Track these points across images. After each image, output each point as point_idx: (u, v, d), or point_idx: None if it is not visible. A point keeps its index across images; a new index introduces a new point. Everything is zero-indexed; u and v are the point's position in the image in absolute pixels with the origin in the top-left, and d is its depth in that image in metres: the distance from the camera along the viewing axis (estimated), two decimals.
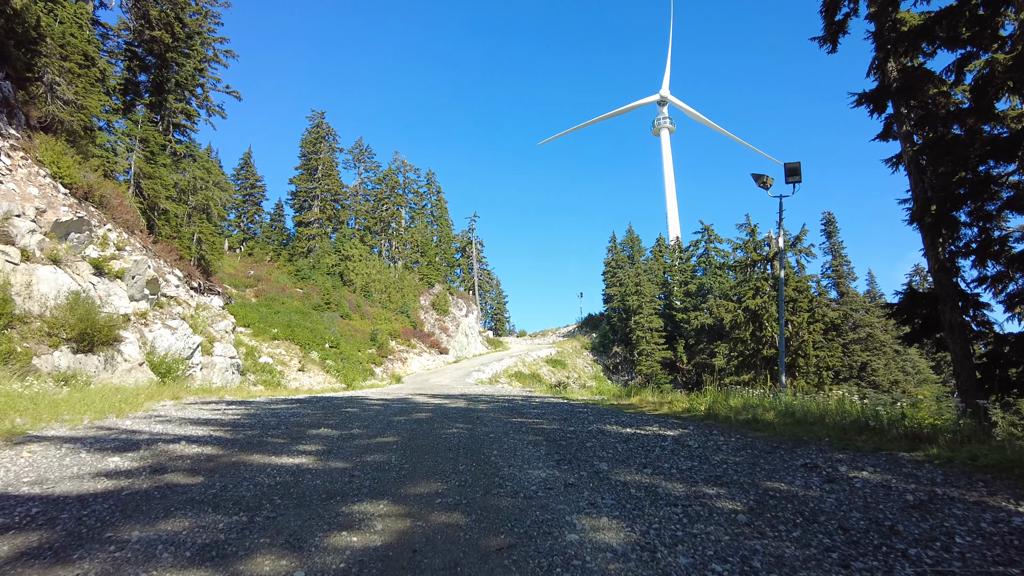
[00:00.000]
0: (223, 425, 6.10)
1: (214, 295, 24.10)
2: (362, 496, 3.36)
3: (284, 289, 45.18)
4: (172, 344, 16.41)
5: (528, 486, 3.70)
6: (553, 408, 9.07)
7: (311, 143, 58.46)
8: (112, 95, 21.72)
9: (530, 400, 12.01)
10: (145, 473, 3.73)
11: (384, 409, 8.64)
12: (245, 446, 4.81)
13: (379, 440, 5.42)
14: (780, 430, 5.80)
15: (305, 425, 6.33)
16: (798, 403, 7.15)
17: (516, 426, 6.61)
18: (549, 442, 5.45)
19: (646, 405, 9.36)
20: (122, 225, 18.32)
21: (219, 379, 18.98)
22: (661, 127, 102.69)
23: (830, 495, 3.41)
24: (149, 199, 21.40)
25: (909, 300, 11.08)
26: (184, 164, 24.09)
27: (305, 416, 7.32)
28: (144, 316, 16.03)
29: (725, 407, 7.65)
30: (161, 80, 24.08)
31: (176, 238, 22.73)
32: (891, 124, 11.50)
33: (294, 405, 9.09)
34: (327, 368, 27.67)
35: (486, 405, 9.79)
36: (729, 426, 6.43)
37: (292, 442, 5.15)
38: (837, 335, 33.90)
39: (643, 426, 6.49)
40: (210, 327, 20.73)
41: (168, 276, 20.02)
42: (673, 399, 9.78)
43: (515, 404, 10.10)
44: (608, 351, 65.54)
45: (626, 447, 5.09)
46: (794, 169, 15.30)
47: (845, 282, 37.74)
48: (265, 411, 7.83)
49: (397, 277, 56.74)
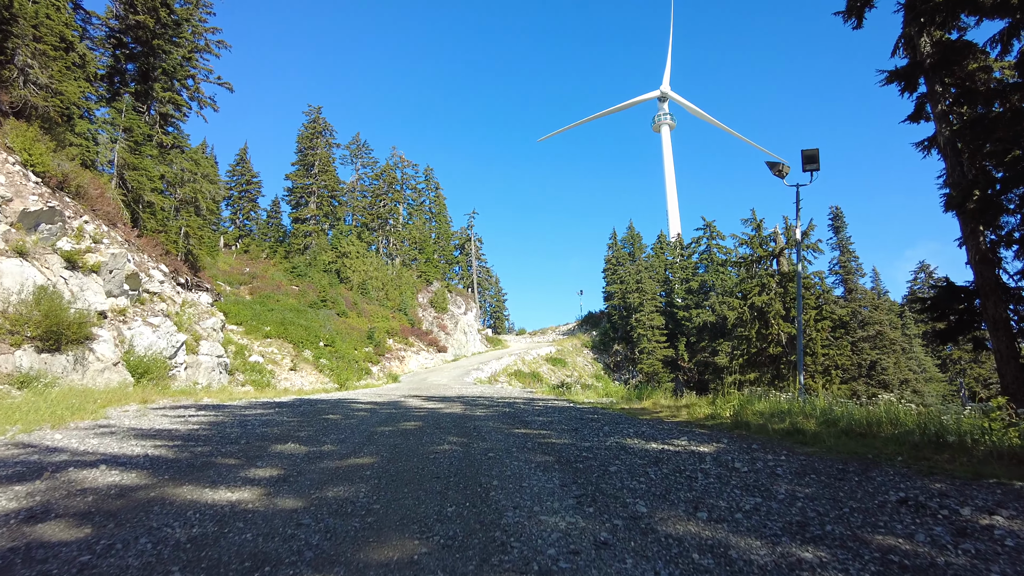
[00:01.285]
0: (173, 439, 5.19)
1: (202, 291, 23.19)
2: (302, 567, 2.41)
3: (279, 286, 44.25)
4: (153, 342, 15.51)
5: (543, 547, 2.70)
6: (559, 414, 8.12)
7: (308, 138, 57.48)
8: (95, 83, 20.79)
9: (532, 403, 11.08)
10: (16, 521, 2.81)
11: (370, 416, 7.75)
12: (182, 471, 3.91)
13: (352, 462, 4.50)
14: (831, 444, 4.91)
15: (271, 439, 5.42)
16: (840, 410, 6.29)
17: (520, 440, 5.69)
18: (562, 465, 4.47)
19: (661, 410, 8.46)
20: (102, 217, 17.39)
21: (205, 379, 18.09)
22: (662, 123, 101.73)
23: (978, 561, 2.47)
24: (133, 191, 20.47)
25: (946, 294, 10.20)
26: (171, 156, 23.14)
27: (277, 425, 6.42)
28: (123, 313, 15.12)
29: (754, 413, 6.78)
30: (147, 68, 23.12)
31: (162, 232, 21.80)
32: (923, 104, 10.59)
33: (272, 410, 8.19)
34: (320, 367, 26.78)
35: (484, 410, 8.87)
36: (767, 438, 5.54)
37: (244, 464, 4.26)
38: (845, 333, 33.02)
39: (668, 439, 5.56)
40: (196, 325, 19.84)
41: (152, 271, 19.11)
42: (690, 403, 8.86)
43: (516, 409, 9.18)
44: (609, 349, 64.69)
45: (659, 472, 4.15)
46: (811, 156, 14.40)
47: (853, 278, 36.83)
48: (234, 418, 6.93)
49: (395, 274, 55.83)
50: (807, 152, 14.42)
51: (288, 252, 52.74)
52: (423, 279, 59.46)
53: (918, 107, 10.68)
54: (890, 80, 10.59)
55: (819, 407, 6.82)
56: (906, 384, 31.78)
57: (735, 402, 7.46)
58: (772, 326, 32.34)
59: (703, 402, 8.64)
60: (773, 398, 7.70)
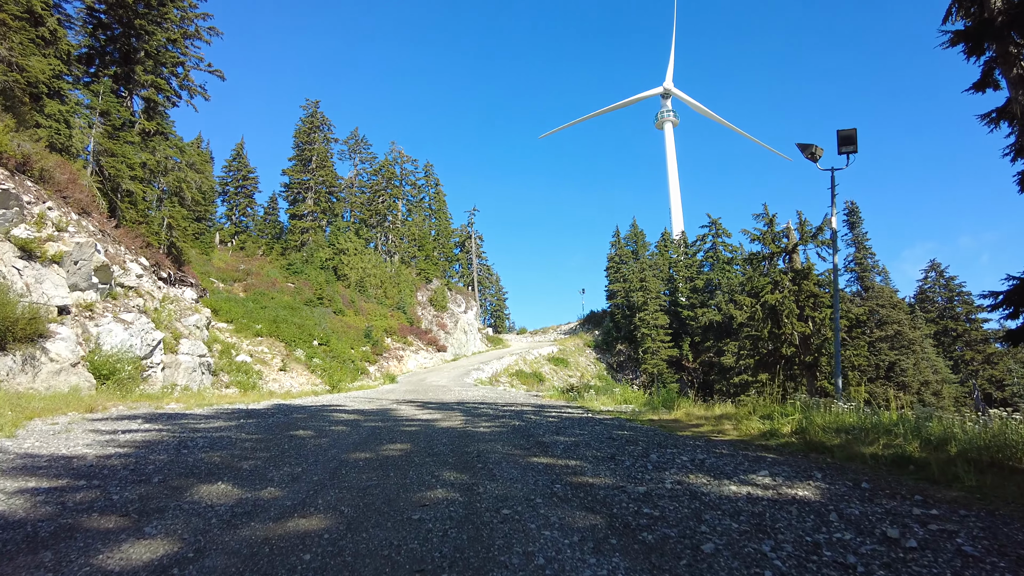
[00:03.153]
0: (59, 476, 3.72)
1: (186, 287, 21.85)
2: None
3: (274, 283, 42.93)
4: (125, 341, 14.18)
5: None
6: (581, 429, 6.63)
7: (305, 133, 56.15)
8: (71, 64, 19.45)
9: (543, 412, 9.62)
10: None
11: (349, 432, 6.39)
12: (19, 543, 2.57)
13: (293, 527, 3.01)
14: (970, 483, 3.59)
15: (201, 473, 4.07)
16: (936, 426, 4.95)
17: (543, 479, 4.16)
18: (621, 535, 2.92)
19: (700, 423, 7.06)
20: (73, 205, 16.06)
21: (184, 380, 16.76)
22: (664, 120, 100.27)
23: None
24: (111, 179, 19.13)
25: None
26: (155, 142, 21.77)
27: (224, 448, 5.05)
28: (90, 308, 13.78)
29: (824, 430, 5.45)
30: (128, 50, 21.77)
31: (143, 223, 20.46)
32: (992, 69, 9.26)
33: (234, 423, 6.84)
34: (313, 368, 25.43)
35: (489, 423, 7.45)
36: (862, 467, 4.20)
37: (123, 532, 2.87)
38: (862, 332, 31.68)
39: (744, 475, 4.15)
40: (178, 322, 18.50)
41: (130, 264, 17.77)
42: (728, 413, 7.45)
43: (528, 421, 7.73)
44: (612, 349, 63.38)
45: (782, 554, 2.64)
46: (848, 137, 13.04)
47: (870, 276, 35.42)
48: (177, 437, 5.56)
49: (393, 272, 54.51)
50: (844, 132, 13.07)
51: (285, 249, 51.40)
52: (422, 277, 58.12)
53: (986, 73, 9.33)
54: (955, 42, 9.24)
55: (903, 421, 5.47)
56: (926, 386, 30.45)
57: (796, 415, 6.11)
58: (785, 325, 31.06)
59: (744, 412, 7.27)
60: (836, 409, 6.36)
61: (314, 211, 53.47)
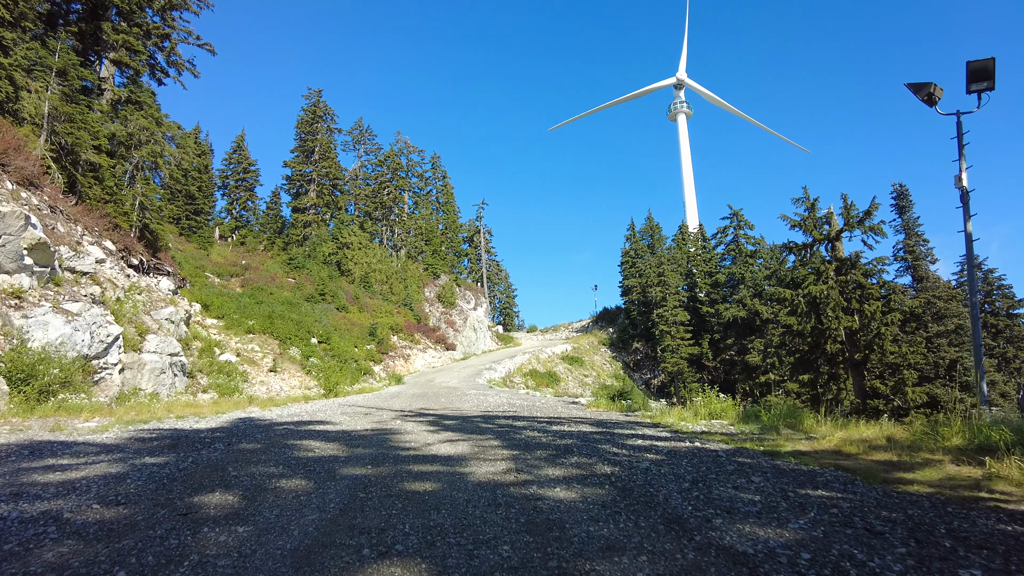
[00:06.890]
0: None
1: (162, 275, 19.15)
2: None
3: (274, 278, 40.33)
4: (66, 335, 11.48)
5: None
6: (744, 490, 3.51)
7: (307, 123, 53.45)
8: (27, 23, 16.78)
9: (619, 438, 6.15)
10: None
11: (312, 493, 3.44)
12: None
13: None
14: None
15: None
16: None
17: None
18: None
19: (900, 459, 4.10)
20: (12, 173, 13.39)
21: (150, 384, 14.05)
22: (678, 112, 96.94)
23: None
24: (70, 149, 16.45)
25: None
26: (126, 111, 19.10)
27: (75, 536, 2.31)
28: (18, 295, 11.07)
29: None
30: (95, 4, 19.11)
31: (111, 202, 17.77)
32: None
33: (161, 458, 3.98)
34: (308, 368, 22.68)
35: (558, 471, 3.73)
36: None
37: None
38: (918, 327, 28.55)
39: None
40: (147, 315, 15.80)
41: (88, 247, 15.08)
42: (918, 437, 4.55)
43: (617, 462, 4.05)
44: (628, 347, 60.33)
45: None
46: (982, 70, 10.05)
47: (923, 265, 32.21)
48: (37, 494, 2.78)
49: (400, 267, 51.81)
50: (975, 64, 10.10)
51: (287, 243, 48.81)
52: (430, 272, 55.38)
53: None
54: None
55: None
56: (992, 387, 27.29)
57: None
58: (830, 320, 28.03)
59: (958, 437, 4.40)
60: None
61: (317, 204, 50.81)
